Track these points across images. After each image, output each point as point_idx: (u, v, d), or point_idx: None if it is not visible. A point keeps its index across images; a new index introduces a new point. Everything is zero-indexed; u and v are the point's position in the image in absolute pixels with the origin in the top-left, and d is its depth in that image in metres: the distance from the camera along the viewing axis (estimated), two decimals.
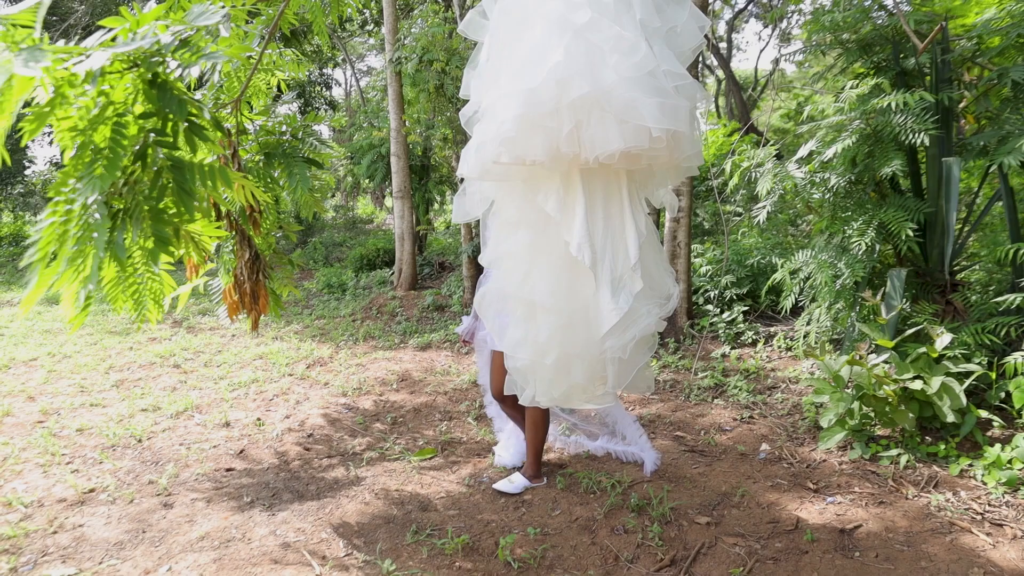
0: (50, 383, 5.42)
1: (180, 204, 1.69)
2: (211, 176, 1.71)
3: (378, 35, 20.68)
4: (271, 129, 3.56)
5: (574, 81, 1.92)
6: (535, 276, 2.28)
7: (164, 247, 1.75)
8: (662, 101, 1.99)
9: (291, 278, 4.06)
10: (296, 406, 4.79)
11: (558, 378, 2.51)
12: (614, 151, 2.00)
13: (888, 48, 4.69)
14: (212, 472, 3.66)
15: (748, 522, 3.00)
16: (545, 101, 1.99)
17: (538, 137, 2.01)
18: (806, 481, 3.36)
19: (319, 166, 3.52)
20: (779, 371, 5.02)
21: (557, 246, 2.24)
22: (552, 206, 2.19)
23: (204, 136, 1.65)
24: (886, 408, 3.55)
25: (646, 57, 1.99)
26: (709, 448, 3.85)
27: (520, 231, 2.31)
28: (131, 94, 1.64)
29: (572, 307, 2.27)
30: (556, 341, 2.29)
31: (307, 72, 18.56)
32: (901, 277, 3.92)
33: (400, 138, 8.27)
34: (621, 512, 3.13)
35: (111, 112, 1.59)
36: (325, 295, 9.48)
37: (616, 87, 1.95)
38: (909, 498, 3.11)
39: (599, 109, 1.97)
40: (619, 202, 2.44)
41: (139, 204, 1.69)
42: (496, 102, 2.13)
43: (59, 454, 3.91)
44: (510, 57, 2.16)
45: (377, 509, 3.21)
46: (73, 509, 3.25)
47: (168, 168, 1.66)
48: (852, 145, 3.83)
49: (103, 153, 1.53)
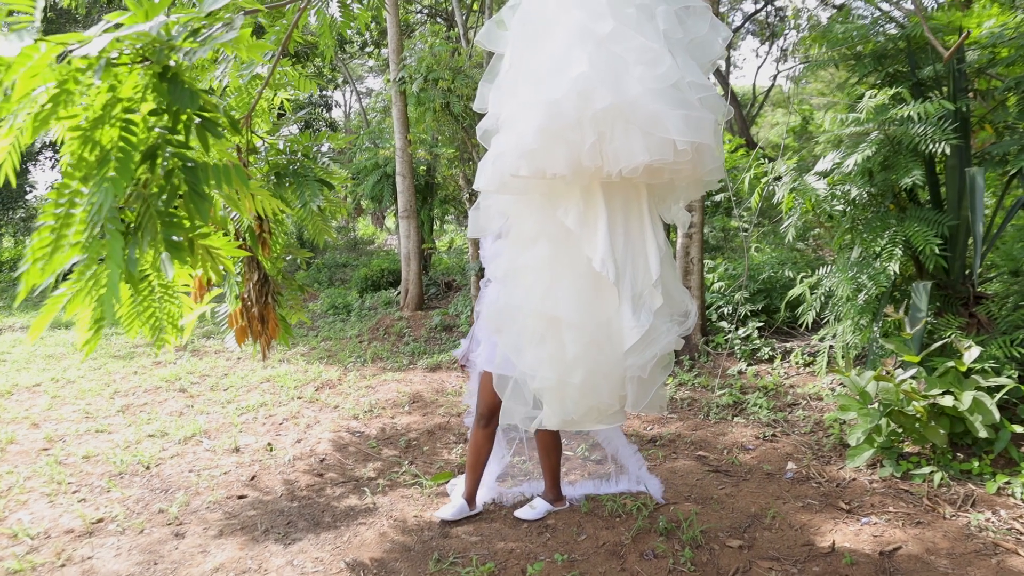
0: (54, 409, 5.31)
1: (193, 208, 1.57)
2: (226, 176, 1.58)
3: (377, 56, 20.80)
4: (282, 148, 3.50)
5: (597, 92, 1.85)
6: (558, 291, 2.19)
7: (178, 255, 1.63)
8: (687, 113, 1.93)
9: (300, 304, 3.98)
10: (307, 430, 4.69)
11: (583, 398, 2.41)
12: (639, 164, 1.93)
13: (901, 59, 4.66)
14: (224, 500, 3.55)
15: (782, 545, 2.90)
16: (567, 113, 1.92)
17: (560, 150, 1.94)
18: (838, 501, 3.25)
19: (330, 187, 3.45)
20: (798, 388, 4.92)
21: (579, 260, 2.16)
22: (572, 220, 2.12)
23: (217, 132, 1.54)
24: (916, 424, 3.46)
25: (671, 69, 1.93)
26: (734, 468, 3.75)
27: (538, 245, 2.23)
28: (139, 91, 1.54)
29: (596, 323, 2.19)
30: (583, 359, 2.20)
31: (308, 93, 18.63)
32: (926, 290, 3.84)
33: (405, 157, 8.23)
34: (649, 536, 3.02)
35: (119, 109, 1.50)
36: (330, 316, 9.39)
37: (640, 99, 1.89)
38: (947, 518, 3.01)
39: (623, 121, 1.91)
40: (639, 217, 2.37)
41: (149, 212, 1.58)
42: (516, 114, 2.06)
43: (65, 483, 3.80)
44: (530, 67, 2.09)
45: (396, 536, 3.10)
46: (81, 540, 3.14)
47: (179, 169, 1.55)
48: (872, 155, 3.76)
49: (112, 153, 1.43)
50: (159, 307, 2.21)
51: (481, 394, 3.19)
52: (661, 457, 3.94)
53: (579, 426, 2.48)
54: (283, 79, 3.22)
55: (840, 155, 4.19)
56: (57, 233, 1.56)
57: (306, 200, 3.26)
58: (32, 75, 1.41)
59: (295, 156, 3.51)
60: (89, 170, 1.44)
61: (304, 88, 3.38)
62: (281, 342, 3.80)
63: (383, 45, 19.99)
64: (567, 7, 2.00)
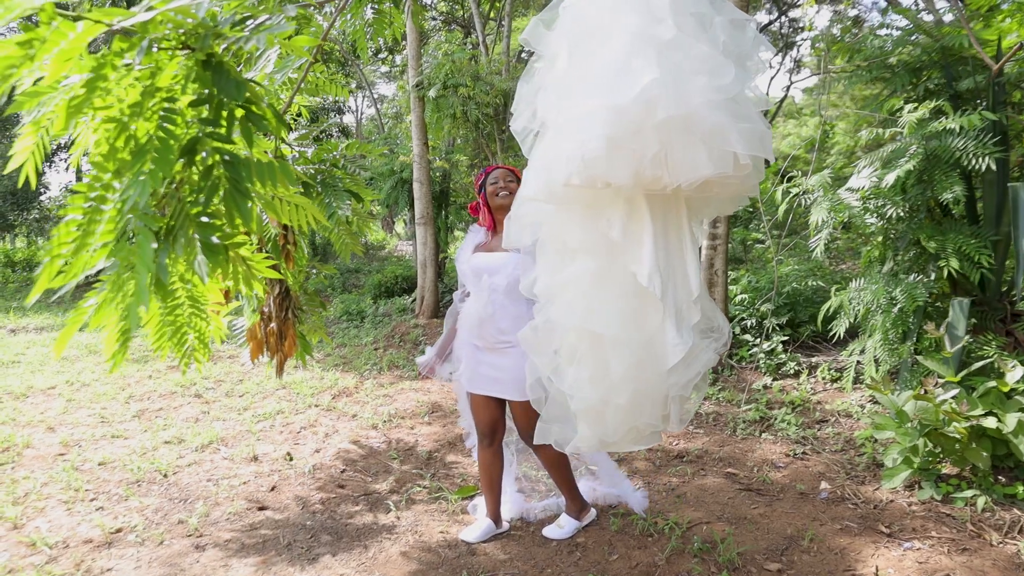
0: (69, 413, 5.26)
1: (233, 208, 1.47)
2: (271, 174, 1.46)
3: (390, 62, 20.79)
4: (313, 158, 3.43)
5: (661, 101, 1.77)
6: (602, 307, 2.09)
7: (215, 259, 1.53)
8: (751, 127, 1.86)
9: (322, 322, 3.89)
10: (325, 439, 4.61)
11: (626, 419, 2.32)
12: (701, 177, 1.85)
13: (935, 72, 4.57)
14: (244, 511, 3.48)
15: (822, 569, 2.80)
16: (632, 120, 1.84)
17: (623, 159, 1.85)
18: (877, 524, 3.15)
19: (359, 199, 3.36)
20: (826, 404, 4.82)
21: (624, 275, 2.07)
22: (617, 232, 2.03)
23: (264, 126, 1.44)
24: (956, 446, 3.36)
25: (735, 80, 1.85)
26: (765, 487, 3.65)
27: (581, 258, 2.13)
28: (180, 80, 1.45)
29: (641, 341, 2.10)
30: (629, 378, 2.11)
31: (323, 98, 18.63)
32: (965, 308, 3.74)
33: (423, 164, 8.18)
34: (683, 557, 2.93)
35: (158, 99, 1.41)
36: (344, 323, 9.33)
37: (702, 109, 1.81)
38: (994, 545, 2.90)
39: (687, 132, 1.83)
40: (678, 230, 2.28)
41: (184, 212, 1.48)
42: (573, 119, 1.97)
43: (83, 490, 3.73)
44: (587, 71, 2.00)
45: (423, 554, 3.02)
46: (100, 551, 3.07)
47: (219, 164, 1.42)
48: (914, 170, 3.67)
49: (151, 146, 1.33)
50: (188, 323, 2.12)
51: (476, 414, 3.10)
52: (690, 474, 3.85)
53: (615, 448, 2.38)
54: (314, 86, 3.15)
55: (874, 169, 4.10)
56: (84, 229, 1.46)
57: (334, 211, 3.18)
58: (66, 58, 1.33)
59: (323, 165, 3.43)
60: (122, 164, 1.36)
61: (335, 93, 3.31)
62: (298, 359, 3.72)
63: (397, 51, 20.01)
64: (623, 10, 1.92)
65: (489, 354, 2.98)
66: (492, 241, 3.07)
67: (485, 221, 3.11)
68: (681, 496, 3.56)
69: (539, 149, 2.15)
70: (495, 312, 2.92)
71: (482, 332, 2.97)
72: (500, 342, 2.94)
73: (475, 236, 3.16)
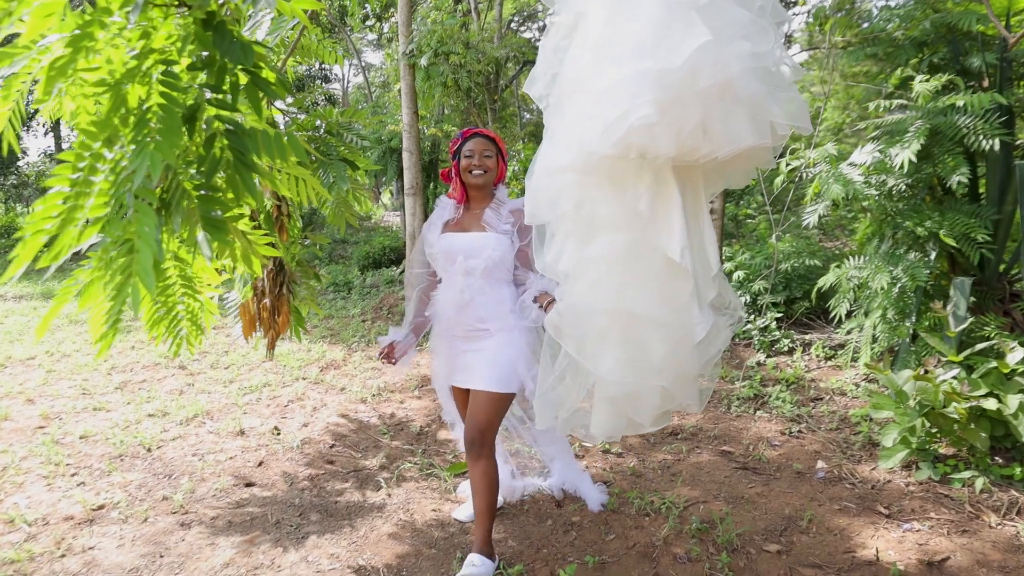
0: (50, 384, 5.13)
1: (238, 182, 1.36)
2: (278, 146, 1.35)
3: (378, 29, 20.33)
4: (303, 124, 3.27)
5: (704, 68, 1.65)
6: (636, 284, 1.97)
7: (218, 235, 1.39)
8: (790, 95, 1.76)
9: (315, 295, 3.78)
10: (313, 413, 4.52)
11: (665, 402, 2.22)
12: (742, 147, 1.75)
13: (941, 47, 4.47)
14: (231, 487, 3.39)
15: (822, 551, 2.76)
16: (676, 86, 1.70)
17: (667, 127, 1.73)
18: (875, 504, 3.12)
19: (355, 167, 3.22)
20: (821, 382, 4.79)
21: (654, 250, 1.96)
22: (644, 206, 1.92)
23: (272, 92, 1.31)
24: (955, 426, 3.33)
25: (774, 47, 1.75)
26: (761, 465, 3.61)
27: (606, 234, 1.99)
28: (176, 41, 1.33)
29: (679, 320, 1.99)
30: (672, 360, 2.00)
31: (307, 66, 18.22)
32: (966, 287, 3.69)
33: (413, 133, 7.99)
34: (681, 537, 2.88)
35: (153, 61, 1.27)
36: (331, 294, 9.20)
37: (741, 77, 1.70)
38: (993, 526, 2.88)
39: (727, 100, 1.71)
40: (695, 204, 2.18)
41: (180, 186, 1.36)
42: (616, 84, 1.79)
43: (63, 464, 3.63)
44: (624, 32, 1.84)
45: (415, 532, 2.95)
46: (82, 528, 2.97)
47: (223, 134, 1.32)
48: (921, 148, 3.57)
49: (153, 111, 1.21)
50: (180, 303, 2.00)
51: (461, 410, 2.81)
52: (684, 451, 3.80)
53: (634, 431, 2.28)
54: (306, 47, 2.99)
55: (877, 145, 4.00)
56: (71, 203, 1.35)
57: (331, 182, 3.04)
58: (47, 12, 1.20)
59: (318, 133, 3.27)
60: (114, 132, 1.24)
61: (327, 59, 3.16)
62: (293, 334, 3.61)
63: (385, 18, 19.57)
64: None
65: (466, 342, 2.70)
66: (464, 218, 2.72)
67: (456, 193, 2.74)
68: (676, 474, 3.51)
69: (570, 115, 1.98)
70: (473, 298, 2.63)
71: (460, 320, 2.67)
72: (477, 330, 2.67)
73: (443, 211, 2.77)
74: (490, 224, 2.66)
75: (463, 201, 2.74)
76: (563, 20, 2.01)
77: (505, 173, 2.80)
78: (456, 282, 2.65)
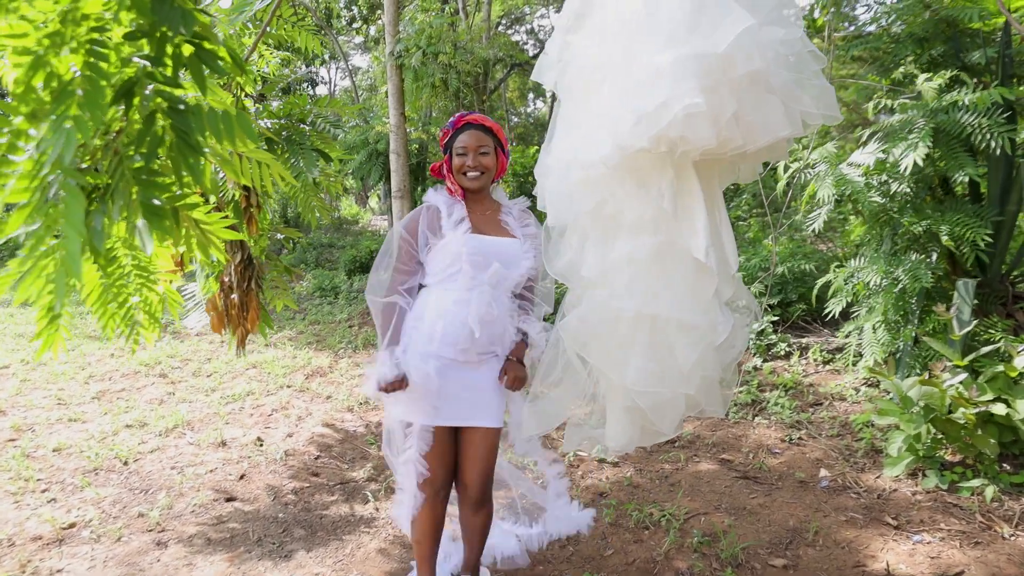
0: (23, 394, 4.93)
1: (181, 164, 1.19)
2: (226, 126, 1.20)
3: (365, 32, 20.19)
4: (276, 112, 3.13)
5: (741, 54, 1.53)
6: (666, 288, 1.81)
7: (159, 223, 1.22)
8: (822, 84, 1.64)
9: (286, 287, 3.61)
10: (298, 423, 4.36)
11: (689, 409, 2.08)
12: (777, 139, 1.63)
13: (940, 43, 4.38)
14: (210, 502, 3.23)
15: (831, 565, 2.64)
16: (713, 74, 1.57)
17: (707, 118, 1.60)
18: (883, 515, 3.01)
19: (327, 158, 3.09)
20: (820, 386, 4.68)
21: (680, 251, 1.82)
22: (668, 203, 1.78)
23: (217, 67, 1.16)
24: (962, 432, 3.22)
25: (804, 35, 1.64)
26: (762, 474, 3.49)
27: (633, 235, 1.84)
28: (111, 7, 1.18)
29: (707, 323, 1.86)
30: (700, 367, 1.86)
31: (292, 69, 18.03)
32: (970, 289, 3.59)
33: (401, 135, 7.86)
34: (683, 552, 2.76)
35: (84, 29, 1.13)
36: (317, 299, 9.03)
37: (774, 63, 1.58)
38: (1006, 537, 2.77)
39: (761, 89, 1.60)
40: (712, 201, 2.05)
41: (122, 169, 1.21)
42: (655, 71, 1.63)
43: (34, 480, 3.45)
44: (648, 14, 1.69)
45: (404, 549, 2.81)
46: (50, 549, 2.81)
47: (165, 112, 1.17)
48: (929, 150, 3.47)
49: (76, 86, 1.06)
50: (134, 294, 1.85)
51: (439, 457, 2.21)
52: (683, 460, 3.68)
53: (647, 441, 2.14)
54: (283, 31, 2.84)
55: (879, 145, 3.90)
56: None
57: (300, 170, 2.90)
58: None
59: (290, 121, 3.13)
60: (39, 107, 1.09)
61: (307, 44, 3.01)
62: (259, 332, 3.46)
63: (371, 21, 19.42)
64: None
65: (465, 369, 2.21)
66: (476, 219, 2.26)
67: (456, 191, 2.27)
68: (675, 484, 3.39)
69: (596, 105, 1.83)
70: (500, 315, 2.20)
71: (475, 340, 2.17)
72: (487, 352, 2.24)
73: (447, 204, 2.26)
74: (512, 229, 2.28)
75: (463, 197, 2.28)
76: (573, 4, 1.88)
77: (507, 167, 2.36)
78: (483, 293, 2.17)
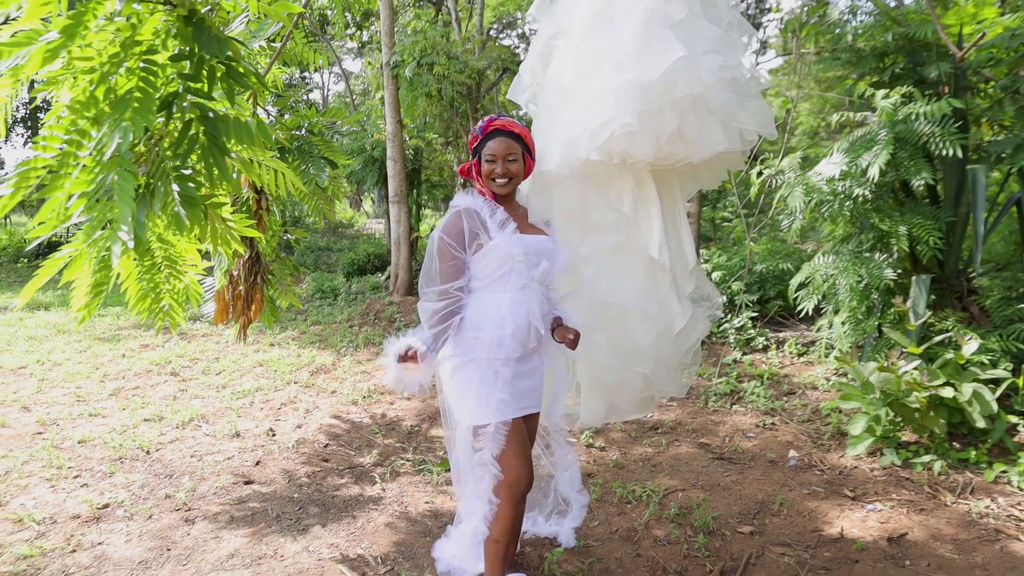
0: (43, 392, 5.21)
1: (211, 163, 1.48)
2: (247, 133, 1.49)
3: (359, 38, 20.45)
4: (288, 123, 3.43)
5: (681, 79, 1.85)
6: (624, 280, 2.17)
7: (194, 211, 1.51)
8: (758, 104, 1.96)
9: (291, 286, 3.92)
10: (307, 415, 4.66)
11: (648, 387, 2.41)
12: (716, 153, 1.95)
13: (900, 57, 4.72)
14: (230, 485, 3.53)
15: (792, 531, 2.96)
16: (654, 97, 1.90)
17: (646, 134, 1.92)
18: (842, 488, 3.33)
19: (334, 166, 3.40)
20: (794, 377, 5.01)
21: (638, 248, 2.16)
22: (628, 207, 2.12)
23: (244, 83, 1.47)
24: (915, 414, 3.55)
25: (743, 60, 1.95)
26: (736, 455, 3.81)
27: (598, 233, 2.20)
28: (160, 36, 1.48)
29: (661, 311, 2.20)
30: (655, 348, 2.19)
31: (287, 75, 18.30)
32: (926, 284, 3.93)
33: (397, 141, 8.16)
34: (661, 522, 3.07)
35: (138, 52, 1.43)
36: (317, 300, 9.31)
37: (714, 87, 1.90)
38: (949, 505, 3.10)
39: (700, 110, 1.91)
40: (672, 204, 2.39)
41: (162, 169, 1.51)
42: (600, 93, 1.97)
43: (65, 467, 3.74)
44: (604, 45, 2.03)
45: (410, 523, 3.11)
46: (89, 526, 3.10)
47: (198, 120, 1.46)
48: (890, 158, 3.81)
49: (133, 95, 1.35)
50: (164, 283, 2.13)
51: (519, 454, 2.25)
52: (664, 444, 3.99)
53: (621, 417, 2.48)
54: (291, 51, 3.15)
55: (845, 156, 4.23)
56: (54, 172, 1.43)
57: (311, 177, 3.21)
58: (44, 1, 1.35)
59: (300, 131, 3.44)
60: (101, 113, 1.39)
61: (311, 59, 3.32)
62: (264, 323, 3.74)
63: (365, 27, 19.67)
64: None
65: (520, 362, 2.30)
66: (517, 220, 2.30)
67: (487, 193, 2.32)
68: (657, 465, 3.70)
69: (558, 122, 2.17)
70: (549, 307, 2.34)
71: (530, 335, 2.25)
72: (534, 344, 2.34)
73: (487, 208, 2.28)
74: (542, 227, 2.38)
75: (493, 199, 2.33)
76: (546, 31, 2.21)
77: (533, 168, 2.36)
78: (535, 291, 2.25)
